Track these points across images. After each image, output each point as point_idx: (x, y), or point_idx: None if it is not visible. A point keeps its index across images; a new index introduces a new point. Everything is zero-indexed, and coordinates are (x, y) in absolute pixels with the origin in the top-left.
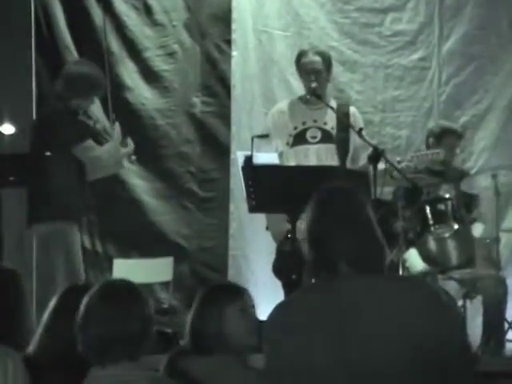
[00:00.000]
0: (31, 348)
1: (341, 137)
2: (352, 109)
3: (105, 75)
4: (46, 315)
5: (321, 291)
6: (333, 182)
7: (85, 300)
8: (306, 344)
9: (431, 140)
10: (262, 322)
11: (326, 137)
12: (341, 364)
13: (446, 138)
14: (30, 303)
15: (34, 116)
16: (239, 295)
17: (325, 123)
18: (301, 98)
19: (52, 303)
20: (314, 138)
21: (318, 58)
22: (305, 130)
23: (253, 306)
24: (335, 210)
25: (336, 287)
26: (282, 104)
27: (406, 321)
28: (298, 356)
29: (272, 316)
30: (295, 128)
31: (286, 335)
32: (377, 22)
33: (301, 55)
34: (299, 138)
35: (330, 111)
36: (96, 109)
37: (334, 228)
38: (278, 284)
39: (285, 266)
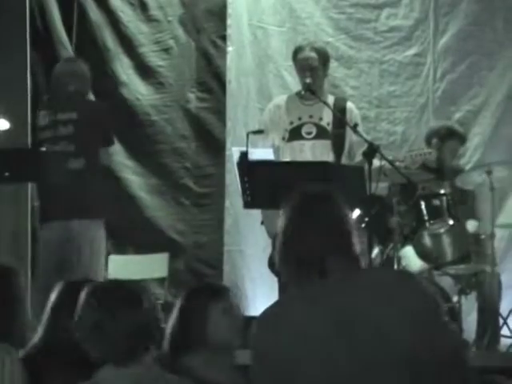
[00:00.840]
0: (31, 345)
1: (337, 133)
2: (349, 104)
3: None
4: (45, 312)
5: (309, 296)
6: (307, 187)
7: (98, 302)
8: (296, 349)
9: (435, 140)
10: (255, 317)
11: (322, 133)
12: (332, 369)
13: (450, 140)
14: (27, 301)
15: (29, 112)
16: (222, 295)
17: (320, 119)
18: (297, 94)
19: (51, 300)
20: (310, 133)
21: (314, 55)
22: (300, 126)
23: (237, 305)
24: (307, 214)
25: (323, 290)
26: (280, 99)
27: (395, 319)
28: (286, 362)
29: (260, 324)
30: (291, 123)
31: (275, 341)
32: (372, 18)
33: (297, 51)
34: (295, 134)
35: (325, 107)
36: None
37: (304, 230)
38: (274, 279)
39: None
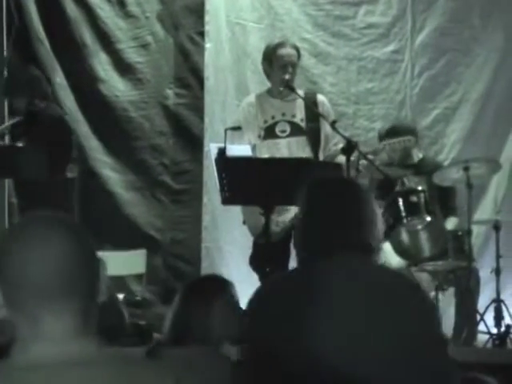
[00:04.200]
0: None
1: (311, 127)
2: (320, 97)
3: None
4: None
5: (294, 277)
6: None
7: None
8: (275, 331)
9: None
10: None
11: (296, 130)
12: (302, 351)
13: (394, 138)
14: None
15: (7, 109)
16: (225, 287)
17: (293, 116)
18: (269, 91)
19: None
20: (284, 131)
21: (294, 51)
22: (274, 124)
23: (237, 299)
24: (326, 200)
25: (308, 272)
26: (250, 97)
27: (376, 307)
28: (269, 343)
29: (249, 304)
30: (265, 122)
31: (260, 322)
32: (350, 15)
33: (277, 47)
34: (269, 132)
35: (298, 103)
36: None
37: (324, 216)
38: (253, 276)
39: (262, 259)
